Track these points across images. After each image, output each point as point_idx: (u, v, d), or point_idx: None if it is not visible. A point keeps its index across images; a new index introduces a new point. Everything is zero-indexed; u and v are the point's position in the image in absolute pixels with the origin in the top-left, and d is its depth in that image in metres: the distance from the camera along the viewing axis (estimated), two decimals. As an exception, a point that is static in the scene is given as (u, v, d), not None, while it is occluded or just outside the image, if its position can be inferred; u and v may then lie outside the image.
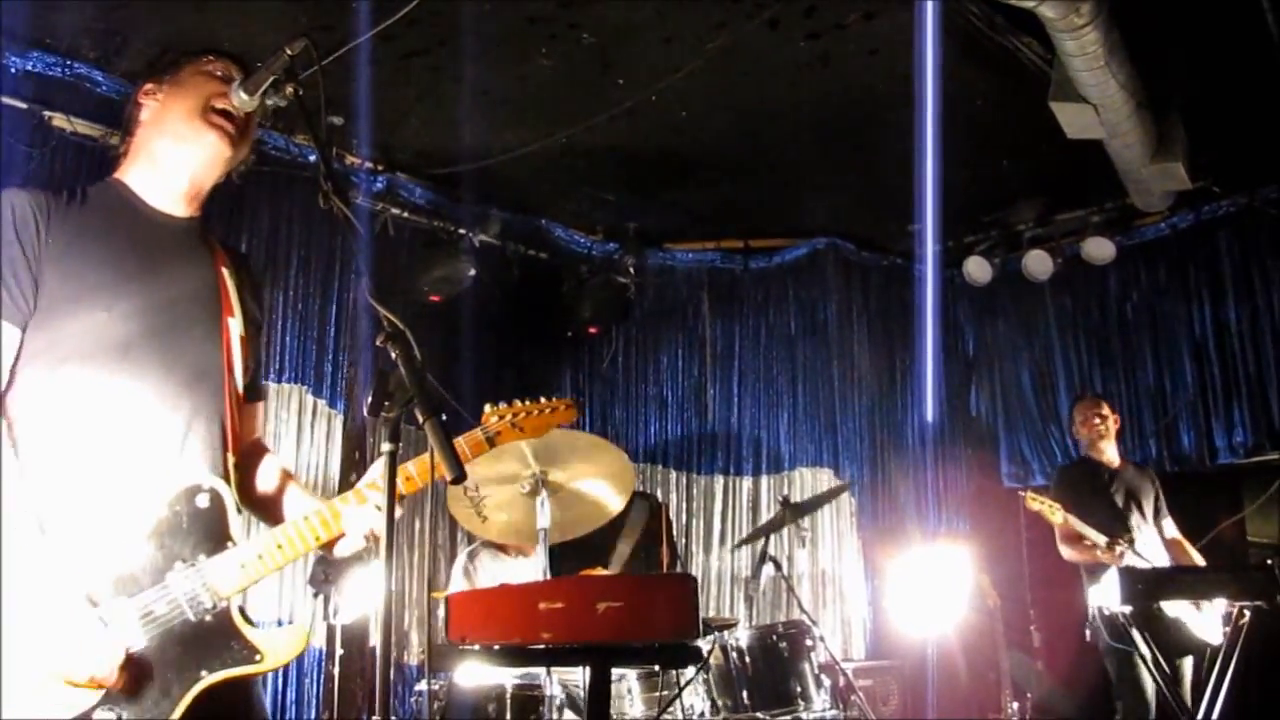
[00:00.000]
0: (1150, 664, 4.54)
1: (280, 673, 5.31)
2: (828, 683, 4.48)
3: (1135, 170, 5.64)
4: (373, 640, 4.97)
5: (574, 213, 6.96)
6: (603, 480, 3.90)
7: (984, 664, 6.24)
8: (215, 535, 1.88)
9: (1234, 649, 4.28)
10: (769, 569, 5.14)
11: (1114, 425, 5.42)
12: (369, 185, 6.10)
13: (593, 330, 7.17)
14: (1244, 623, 4.29)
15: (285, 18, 4.66)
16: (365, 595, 4.40)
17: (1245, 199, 6.32)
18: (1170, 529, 5.34)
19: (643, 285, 7.26)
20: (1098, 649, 5.00)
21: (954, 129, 5.38)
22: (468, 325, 6.30)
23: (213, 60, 2.13)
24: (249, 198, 5.54)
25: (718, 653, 4.36)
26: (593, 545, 5.40)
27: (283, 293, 5.71)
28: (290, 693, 5.34)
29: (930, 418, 7.27)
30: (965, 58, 5.06)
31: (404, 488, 2.01)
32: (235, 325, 2.09)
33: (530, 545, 4.61)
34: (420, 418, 1.70)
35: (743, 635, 4.42)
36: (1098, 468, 5.35)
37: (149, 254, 2.00)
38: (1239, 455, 6.30)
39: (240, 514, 1.97)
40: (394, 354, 1.74)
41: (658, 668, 4.12)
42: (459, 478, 1.69)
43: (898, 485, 7.28)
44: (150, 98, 2.12)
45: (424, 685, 4.50)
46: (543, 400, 2.28)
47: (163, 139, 2.09)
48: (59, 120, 4.98)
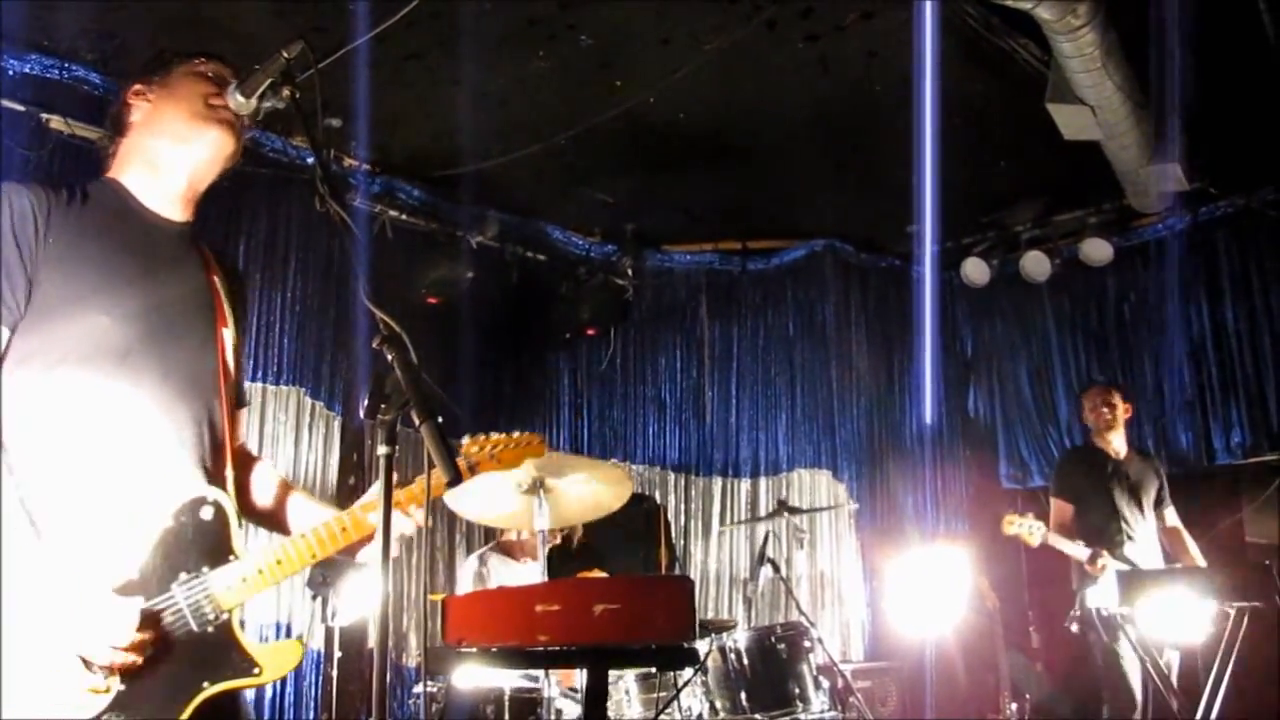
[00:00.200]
0: (1144, 660, 4.54)
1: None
2: (826, 684, 4.48)
3: (1133, 171, 5.64)
4: (371, 642, 4.97)
5: (572, 214, 6.96)
6: (599, 485, 3.89)
7: (982, 665, 6.24)
8: (218, 547, 1.88)
9: (1232, 649, 4.28)
10: (767, 570, 5.15)
11: (1124, 415, 5.34)
12: (367, 187, 6.10)
13: (591, 332, 7.16)
14: (1242, 622, 4.30)
15: (282, 20, 4.66)
16: (363, 598, 4.41)
17: (1243, 200, 6.33)
18: (1171, 517, 5.33)
19: (641, 287, 7.26)
20: (1088, 645, 4.99)
21: (952, 130, 5.39)
22: (466, 327, 6.29)
23: (203, 61, 2.11)
24: (247, 200, 5.55)
25: (716, 654, 4.36)
26: (593, 550, 5.42)
27: (280, 295, 5.71)
28: (289, 695, 5.34)
29: (928, 419, 7.26)
30: (963, 59, 5.07)
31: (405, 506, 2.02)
32: (229, 334, 2.08)
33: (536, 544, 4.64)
34: (417, 420, 1.69)
35: (741, 637, 4.42)
36: (1102, 457, 5.30)
37: (148, 260, 1.98)
38: (1237, 455, 6.31)
39: (240, 527, 1.96)
40: (390, 356, 1.73)
41: (655, 669, 4.12)
42: (455, 480, 1.68)
43: (896, 486, 7.28)
44: (141, 99, 2.09)
45: (422, 687, 4.49)
46: (515, 435, 2.32)
47: (160, 140, 2.06)
48: (56, 122, 4.97)
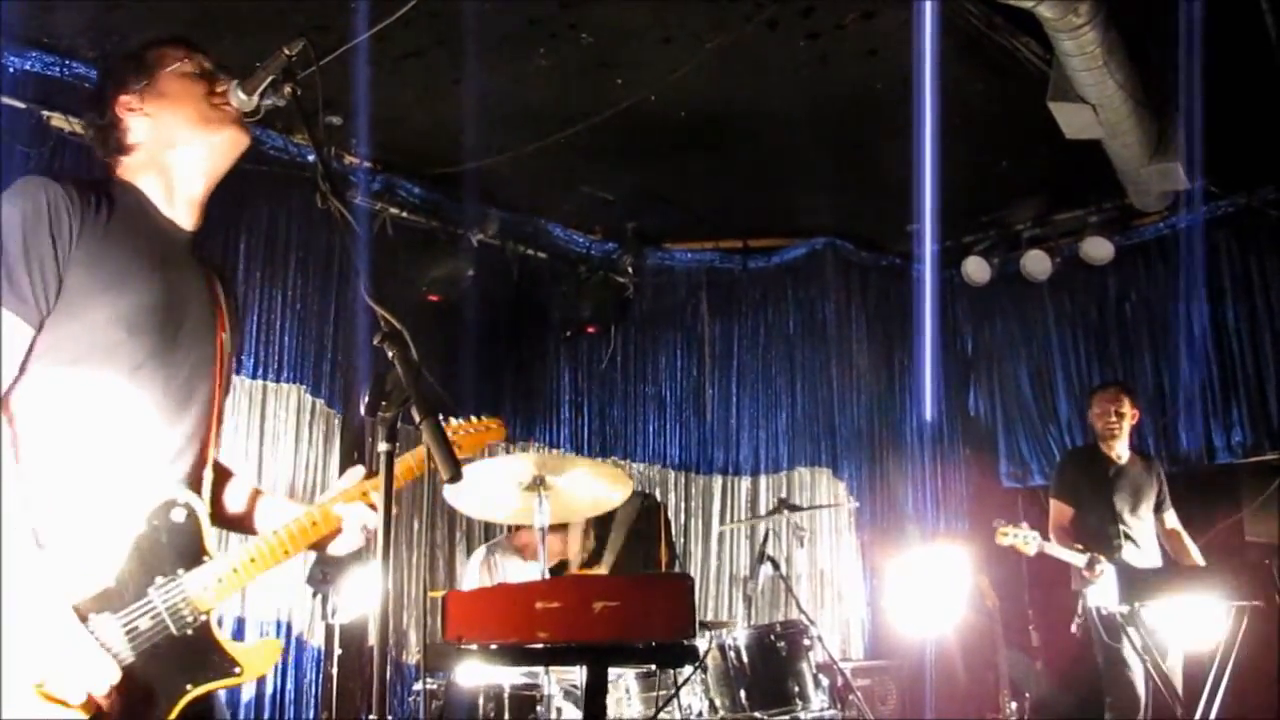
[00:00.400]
0: (1146, 661, 4.54)
1: (279, 672, 5.32)
2: (826, 682, 4.49)
3: (1134, 170, 5.64)
4: (371, 639, 4.98)
5: (573, 212, 6.96)
6: (599, 485, 3.90)
7: (982, 664, 6.24)
8: (192, 549, 1.88)
9: (1231, 648, 4.28)
10: (767, 569, 5.15)
11: (1131, 421, 5.32)
12: (367, 185, 6.10)
13: (591, 330, 7.16)
14: (1242, 622, 4.30)
15: (283, 18, 4.66)
16: (363, 595, 4.41)
17: (1244, 199, 6.33)
18: (1171, 520, 5.33)
19: (641, 285, 7.26)
20: (1090, 645, 5.00)
21: (953, 129, 5.39)
22: (466, 325, 6.30)
23: (184, 59, 2.08)
24: (248, 198, 5.54)
25: (715, 652, 4.36)
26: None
27: (281, 292, 5.71)
28: (289, 692, 5.34)
29: (929, 418, 7.27)
30: (964, 58, 5.07)
31: (401, 478, 2.02)
32: (226, 342, 2.08)
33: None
34: (417, 418, 1.69)
35: (741, 635, 4.42)
36: (1102, 460, 5.30)
37: (167, 273, 1.97)
38: (1237, 455, 6.31)
39: (212, 527, 1.96)
40: (391, 354, 1.73)
41: (655, 667, 4.12)
42: (455, 477, 1.68)
43: (896, 485, 7.28)
44: (136, 113, 2.05)
45: (422, 685, 4.50)
46: (473, 420, 2.34)
47: (173, 151, 2.04)
48: (57, 120, 4.97)
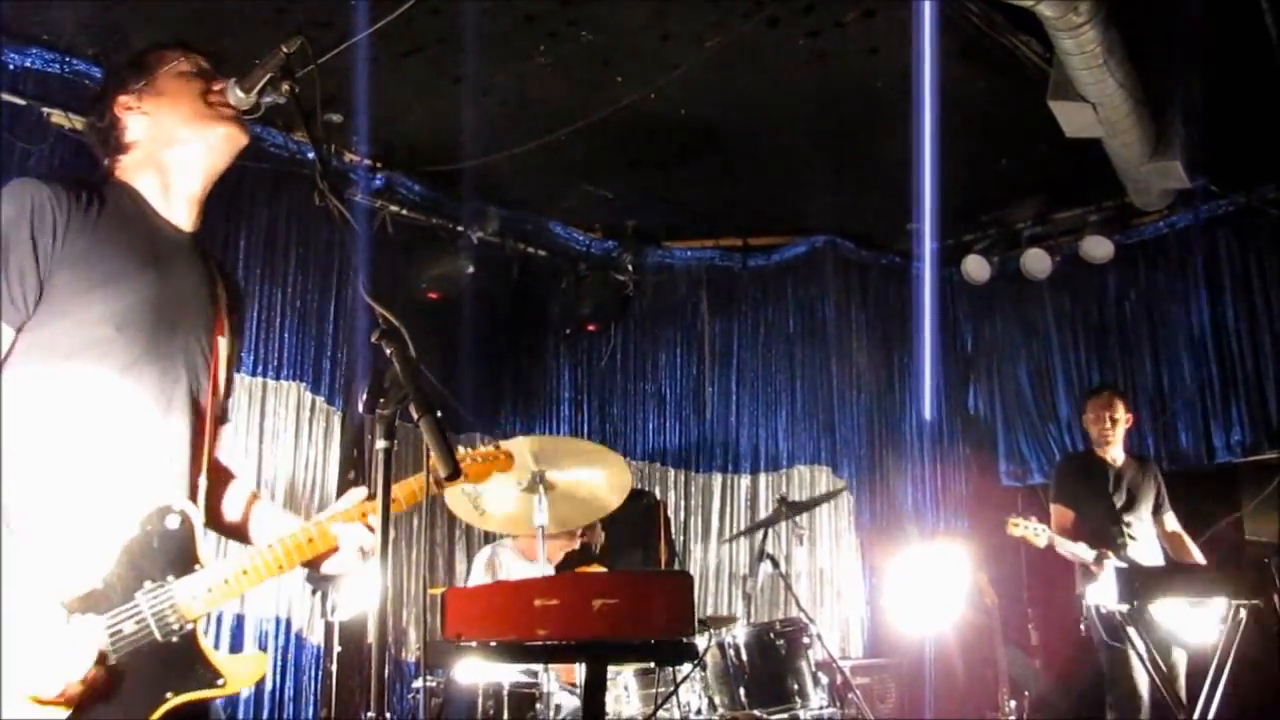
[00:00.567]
0: (1146, 661, 4.54)
1: (279, 670, 5.32)
2: (825, 680, 4.49)
3: (1134, 169, 5.63)
4: (370, 637, 4.97)
5: (572, 210, 6.95)
6: (600, 482, 3.90)
7: (981, 662, 6.24)
8: (184, 557, 1.87)
9: (1231, 647, 4.28)
10: (767, 567, 5.14)
11: (1125, 425, 5.34)
12: (367, 182, 6.09)
13: (591, 328, 7.17)
14: (1241, 621, 4.30)
15: (283, 15, 4.66)
16: (363, 592, 4.41)
17: (1244, 198, 6.32)
18: (1171, 522, 5.33)
19: (641, 283, 7.25)
20: (1093, 645, 5.01)
21: (953, 127, 5.39)
22: (466, 322, 6.30)
23: (182, 58, 2.09)
24: (247, 195, 5.54)
25: (715, 650, 4.37)
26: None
27: (280, 290, 5.71)
28: (289, 689, 5.35)
29: (928, 416, 7.27)
30: (964, 56, 5.06)
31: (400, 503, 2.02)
32: (224, 346, 2.08)
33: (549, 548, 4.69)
34: (415, 415, 1.69)
35: (740, 633, 4.42)
36: (1100, 464, 5.32)
37: (159, 272, 1.97)
38: (1237, 454, 6.30)
39: (205, 536, 1.95)
40: (389, 351, 1.74)
41: (654, 665, 4.12)
42: (453, 475, 1.69)
43: (896, 483, 7.28)
44: (133, 112, 2.06)
45: (421, 682, 4.50)
46: (483, 450, 2.37)
47: (170, 149, 2.05)
48: (57, 117, 4.96)
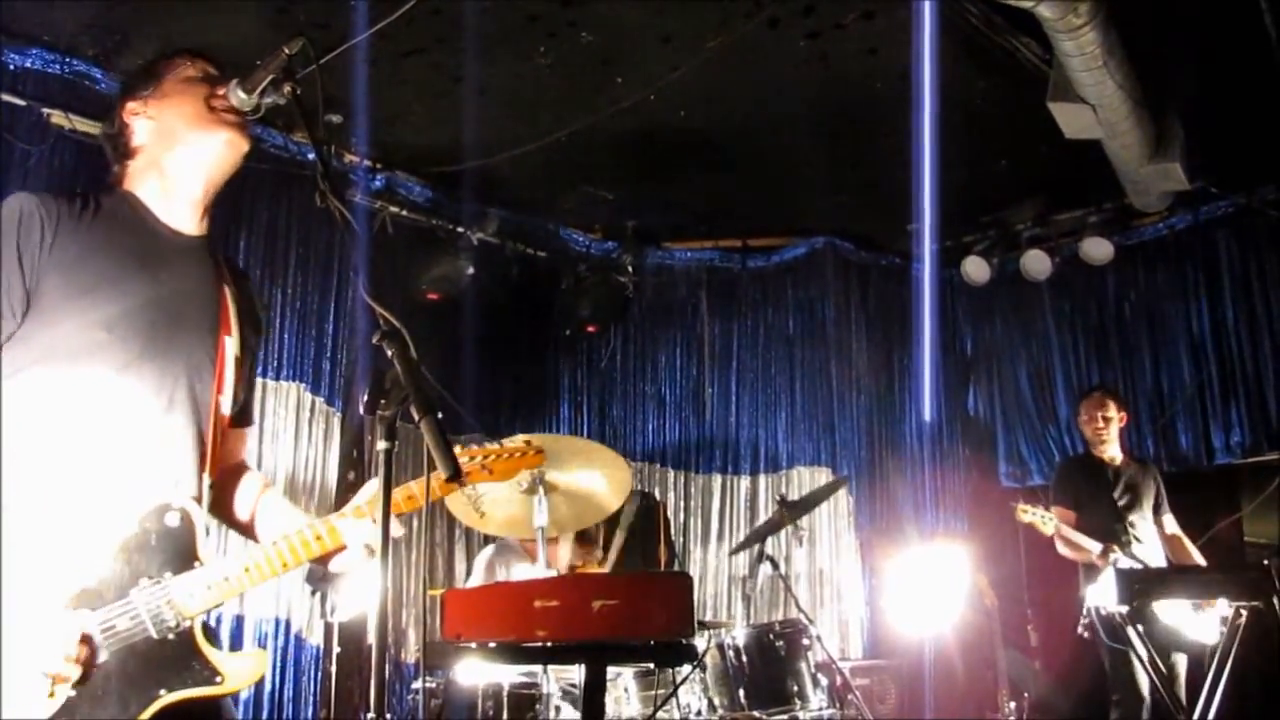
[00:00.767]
0: (1146, 662, 4.54)
1: (278, 671, 5.32)
2: (825, 682, 4.49)
3: (1133, 170, 5.64)
4: (370, 638, 4.98)
5: (573, 211, 6.96)
6: (600, 481, 3.89)
7: (981, 663, 6.24)
8: (183, 554, 1.87)
9: (1230, 648, 4.28)
10: (766, 568, 5.14)
11: (1119, 424, 5.37)
12: (367, 183, 6.10)
13: (591, 329, 7.17)
14: (1240, 622, 4.30)
15: (284, 16, 4.66)
16: (362, 593, 4.41)
17: (1243, 199, 6.32)
18: (1170, 525, 5.34)
19: (641, 284, 7.26)
20: (1094, 647, 5.01)
21: (952, 129, 5.39)
22: (466, 323, 6.30)
23: (189, 63, 2.11)
24: (247, 196, 5.54)
25: (714, 651, 4.36)
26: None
27: (281, 290, 5.71)
28: (288, 690, 5.35)
29: (928, 417, 7.26)
30: (964, 57, 5.07)
31: (404, 505, 1.99)
32: (231, 345, 2.08)
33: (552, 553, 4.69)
34: (416, 416, 1.69)
35: (740, 634, 4.42)
36: (1100, 465, 5.34)
37: (155, 274, 1.99)
38: (1237, 455, 6.30)
39: (208, 535, 1.95)
40: (390, 352, 1.74)
41: (654, 666, 4.12)
42: (455, 475, 1.69)
43: (895, 484, 7.27)
44: (139, 117, 2.09)
45: (421, 683, 4.50)
46: (510, 444, 2.32)
47: (171, 152, 2.07)
48: (58, 118, 4.96)
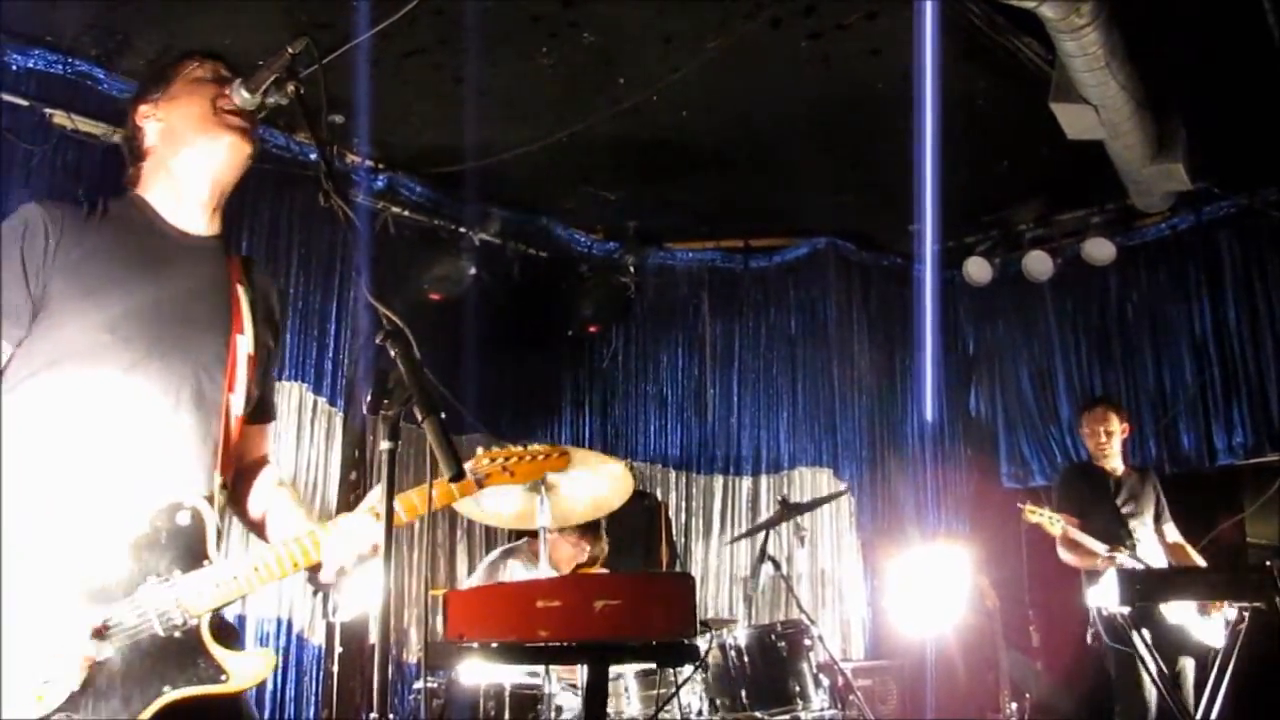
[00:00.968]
0: (1150, 665, 4.54)
1: (280, 671, 5.32)
2: (826, 682, 4.49)
3: (1136, 171, 5.63)
4: (372, 638, 4.98)
5: (574, 211, 6.96)
6: (601, 484, 3.89)
7: (983, 664, 6.24)
8: (193, 553, 1.87)
9: (1233, 650, 4.28)
10: (768, 568, 5.14)
11: (1122, 436, 5.34)
12: (369, 183, 6.10)
13: (593, 329, 7.17)
14: (1243, 624, 4.30)
15: (287, 16, 4.66)
16: (365, 593, 4.42)
17: (1246, 200, 6.31)
18: (1172, 533, 5.33)
19: (643, 284, 7.25)
20: (1098, 649, 5.00)
21: (954, 129, 5.39)
22: (468, 323, 6.29)
23: (198, 65, 2.12)
24: (250, 196, 5.54)
25: (716, 651, 4.36)
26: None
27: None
28: (290, 690, 5.35)
29: (930, 418, 7.26)
30: (966, 58, 5.06)
31: (405, 515, 1.98)
32: (244, 343, 2.07)
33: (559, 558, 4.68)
34: (419, 416, 1.69)
35: (741, 634, 4.42)
36: (1101, 473, 5.33)
37: (160, 275, 1.99)
38: (1239, 456, 6.30)
39: (221, 534, 1.95)
40: (393, 352, 1.73)
41: (655, 666, 4.12)
42: (457, 475, 1.69)
43: (897, 485, 7.27)
44: (149, 119, 2.11)
45: (423, 683, 4.50)
46: (536, 447, 2.32)
47: (178, 154, 2.08)
48: (60, 118, 4.97)
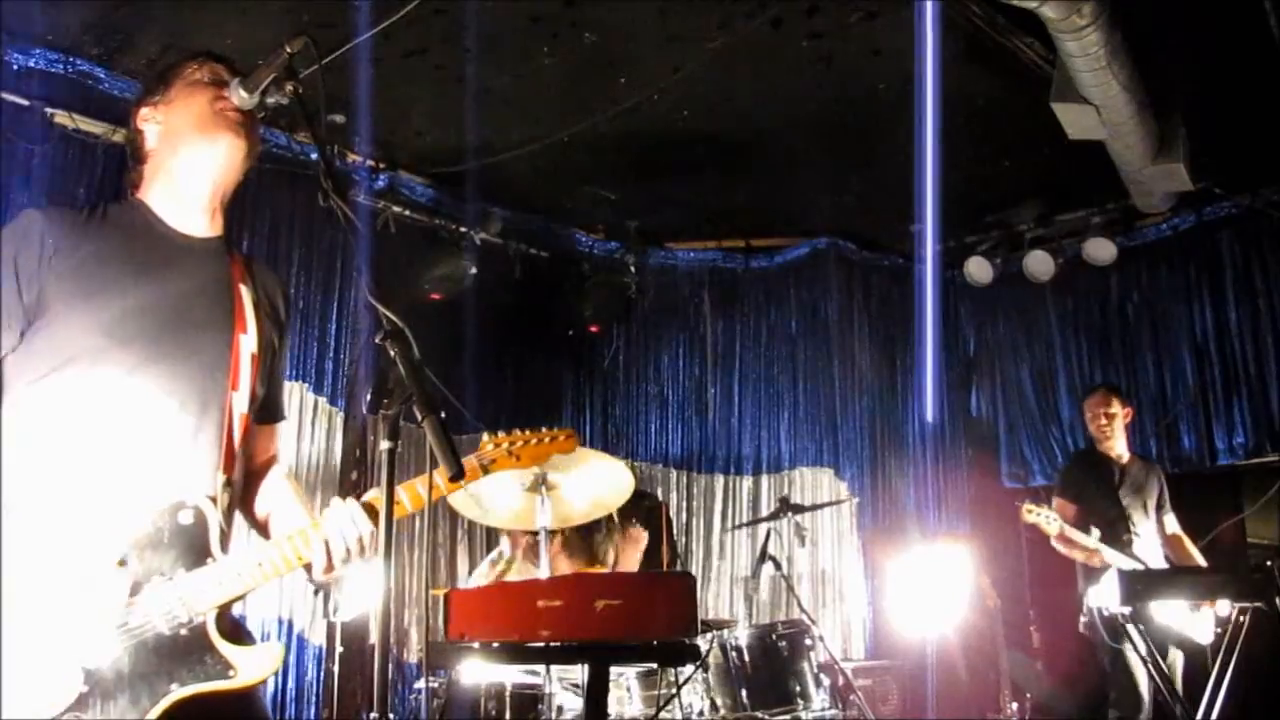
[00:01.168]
0: (1147, 661, 4.54)
1: (280, 670, 5.32)
2: (827, 682, 4.49)
3: (1137, 171, 5.63)
4: (372, 638, 4.99)
5: (576, 211, 6.96)
6: (601, 485, 3.89)
7: (984, 664, 6.24)
8: (196, 552, 1.88)
9: (1233, 650, 4.28)
10: (769, 568, 5.15)
11: (1123, 420, 5.36)
12: (370, 183, 6.10)
13: (594, 329, 7.17)
14: (1243, 623, 4.29)
15: (287, 15, 4.66)
16: (365, 592, 4.42)
17: (1247, 200, 6.32)
18: (1171, 524, 5.34)
19: (644, 284, 7.25)
20: (1094, 645, 5.01)
21: (955, 129, 5.39)
22: (469, 323, 6.29)
23: (198, 66, 2.12)
24: (250, 195, 5.54)
25: (717, 651, 4.36)
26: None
27: (283, 290, 5.71)
28: (290, 690, 5.35)
29: (930, 418, 7.26)
30: (967, 58, 5.06)
31: (410, 505, 1.97)
32: (247, 342, 2.07)
33: (565, 560, 4.69)
34: (419, 415, 1.69)
35: (742, 634, 4.42)
36: (1105, 461, 5.33)
37: (158, 277, 1.99)
38: (1239, 456, 6.30)
39: (225, 533, 1.95)
40: (393, 352, 1.73)
41: (656, 666, 4.12)
42: (457, 475, 1.69)
43: (898, 485, 7.27)
44: (150, 122, 2.11)
45: (423, 683, 4.50)
46: (543, 430, 2.29)
47: (176, 155, 2.08)
48: (61, 117, 4.98)
